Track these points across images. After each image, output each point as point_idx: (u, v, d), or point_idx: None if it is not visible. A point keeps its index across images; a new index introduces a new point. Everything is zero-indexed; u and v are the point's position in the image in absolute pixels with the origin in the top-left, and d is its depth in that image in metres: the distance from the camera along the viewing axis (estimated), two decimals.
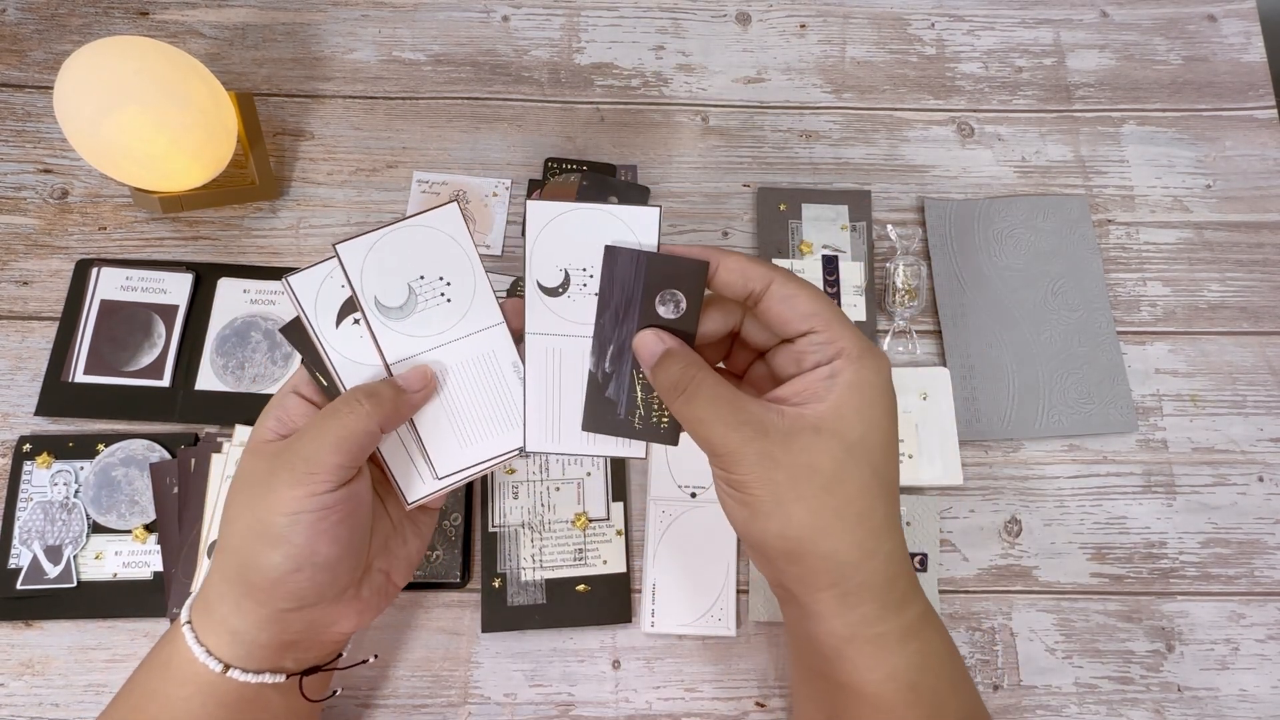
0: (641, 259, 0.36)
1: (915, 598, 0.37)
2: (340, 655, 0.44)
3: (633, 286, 0.37)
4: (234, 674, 0.38)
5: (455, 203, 0.40)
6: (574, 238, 0.37)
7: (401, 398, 0.38)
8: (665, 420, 0.39)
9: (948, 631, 0.39)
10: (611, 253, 0.37)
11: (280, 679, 0.40)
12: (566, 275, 0.38)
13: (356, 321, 0.40)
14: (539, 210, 0.37)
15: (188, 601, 0.40)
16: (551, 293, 0.38)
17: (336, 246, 0.39)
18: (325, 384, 0.40)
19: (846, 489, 0.34)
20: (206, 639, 0.38)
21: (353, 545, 0.39)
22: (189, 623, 0.39)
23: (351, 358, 0.40)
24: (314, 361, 0.40)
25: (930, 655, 0.37)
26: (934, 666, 0.37)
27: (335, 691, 0.48)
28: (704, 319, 0.38)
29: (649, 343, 0.37)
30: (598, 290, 0.38)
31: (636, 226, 0.37)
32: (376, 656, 0.50)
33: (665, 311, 0.37)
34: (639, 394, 0.38)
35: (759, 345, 0.39)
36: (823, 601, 0.35)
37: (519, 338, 0.40)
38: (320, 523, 0.36)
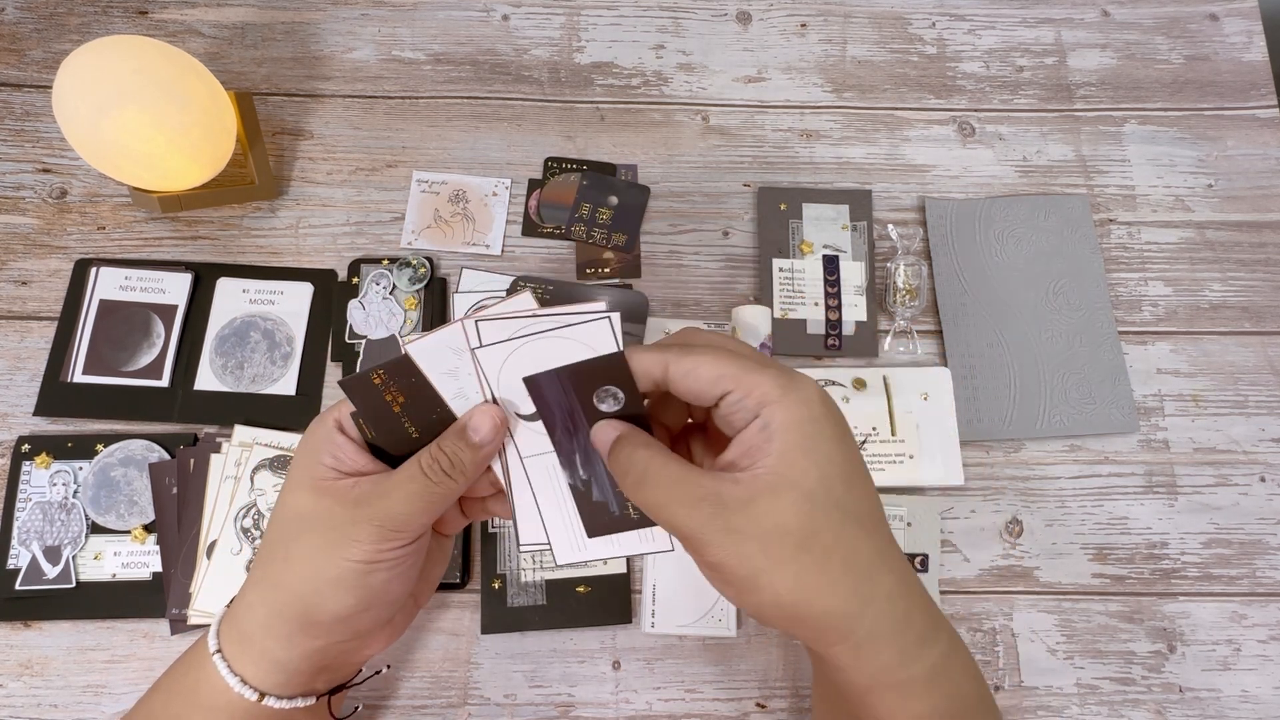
0: (563, 374, 0.35)
1: (937, 634, 0.35)
2: (359, 671, 0.45)
3: (567, 399, 0.36)
4: (269, 701, 0.39)
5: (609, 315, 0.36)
6: (535, 367, 0.36)
7: (478, 456, 0.38)
8: None
9: (976, 665, 0.37)
10: (532, 383, 0.35)
11: (311, 701, 0.41)
12: None
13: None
14: (490, 356, 0.36)
15: (213, 628, 0.40)
16: (533, 417, 0.37)
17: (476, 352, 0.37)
18: (369, 436, 0.39)
19: (822, 540, 0.33)
20: (243, 668, 0.39)
21: (414, 580, 0.40)
22: (219, 651, 0.39)
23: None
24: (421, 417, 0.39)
25: (958, 700, 0.35)
26: (961, 713, 0.36)
27: (357, 708, 0.49)
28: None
29: (603, 433, 0.36)
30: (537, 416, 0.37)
31: (594, 341, 0.35)
32: (390, 667, 0.51)
33: (607, 407, 0.36)
34: None
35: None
36: (838, 655, 0.34)
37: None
38: (396, 568, 0.38)
